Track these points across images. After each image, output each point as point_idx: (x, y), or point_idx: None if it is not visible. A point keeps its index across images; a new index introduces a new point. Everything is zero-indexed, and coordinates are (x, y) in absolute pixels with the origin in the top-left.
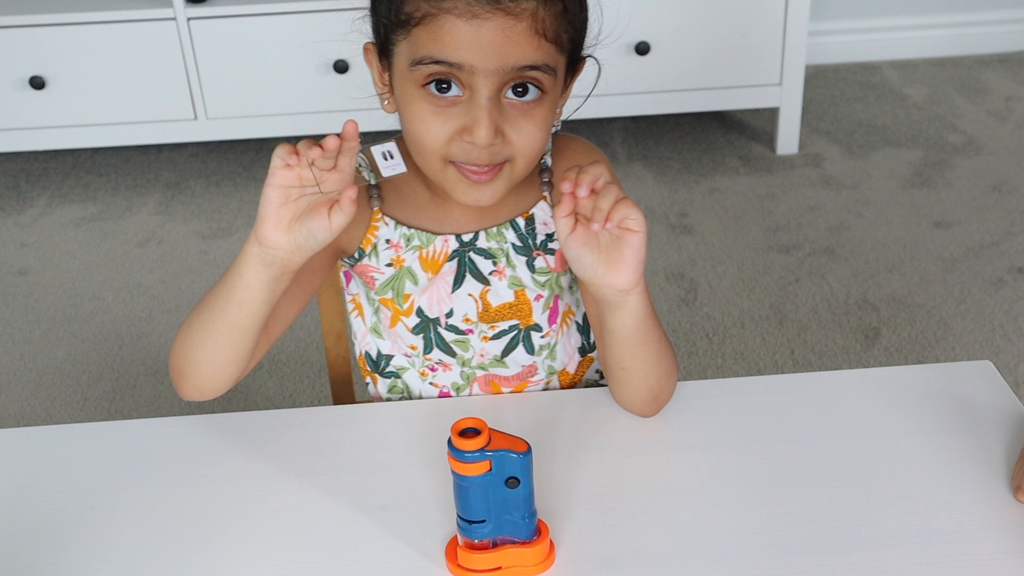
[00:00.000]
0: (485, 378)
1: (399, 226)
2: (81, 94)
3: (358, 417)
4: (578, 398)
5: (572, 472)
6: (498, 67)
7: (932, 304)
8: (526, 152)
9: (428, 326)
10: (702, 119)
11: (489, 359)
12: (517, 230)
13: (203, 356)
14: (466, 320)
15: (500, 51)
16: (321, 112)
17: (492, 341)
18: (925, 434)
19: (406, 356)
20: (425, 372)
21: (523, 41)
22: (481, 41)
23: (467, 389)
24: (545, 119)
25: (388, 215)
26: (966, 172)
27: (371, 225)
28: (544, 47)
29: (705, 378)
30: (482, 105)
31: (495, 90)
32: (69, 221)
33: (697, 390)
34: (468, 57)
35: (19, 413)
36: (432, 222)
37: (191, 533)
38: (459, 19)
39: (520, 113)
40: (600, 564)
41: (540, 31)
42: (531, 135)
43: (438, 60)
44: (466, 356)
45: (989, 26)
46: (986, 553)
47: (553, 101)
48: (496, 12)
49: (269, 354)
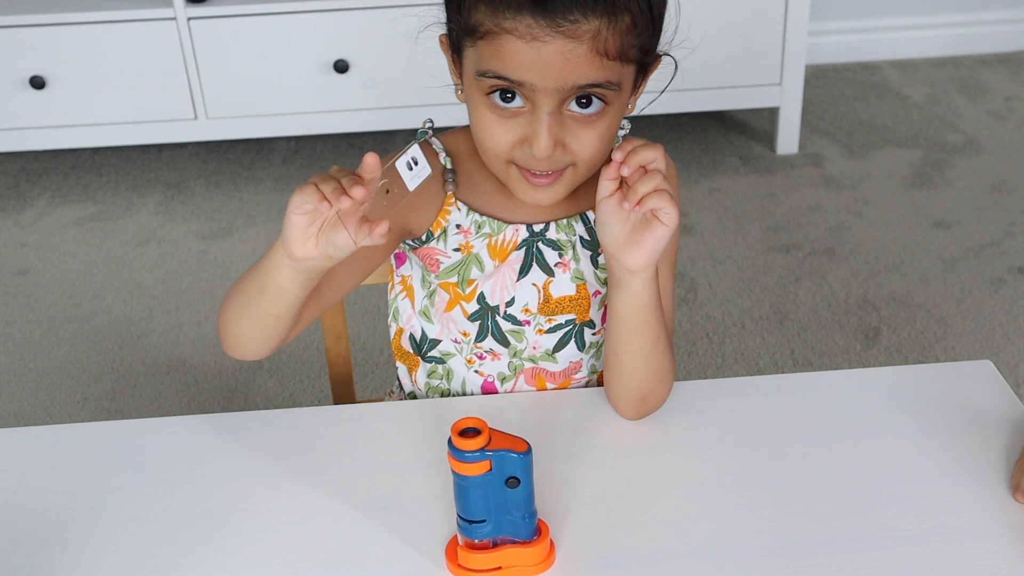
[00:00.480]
0: (532, 371)
1: (471, 212)
2: (81, 94)
3: (358, 417)
4: (578, 398)
5: (572, 472)
6: (558, 87)
7: (932, 304)
8: (587, 160)
9: (487, 313)
10: (702, 119)
11: (540, 352)
12: (587, 224)
13: (242, 332)
14: (525, 311)
15: (560, 73)
16: (321, 112)
17: (547, 335)
18: (925, 434)
19: (455, 342)
20: (472, 360)
21: (583, 63)
22: (541, 63)
23: (512, 381)
24: (608, 129)
25: (461, 200)
26: (966, 172)
27: (443, 209)
28: (606, 66)
29: (705, 378)
30: (542, 120)
31: (555, 106)
32: (69, 221)
33: (697, 390)
34: (528, 77)
35: (19, 413)
36: (503, 210)
37: (191, 533)
38: (520, 40)
39: (581, 124)
40: (600, 564)
41: (602, 51)
42: (591, 145)
43: (500, 76)
44: (519, 347)
45: (989, 26)
46: (986, 553)
47: (617, 111)
48: (556, 35)
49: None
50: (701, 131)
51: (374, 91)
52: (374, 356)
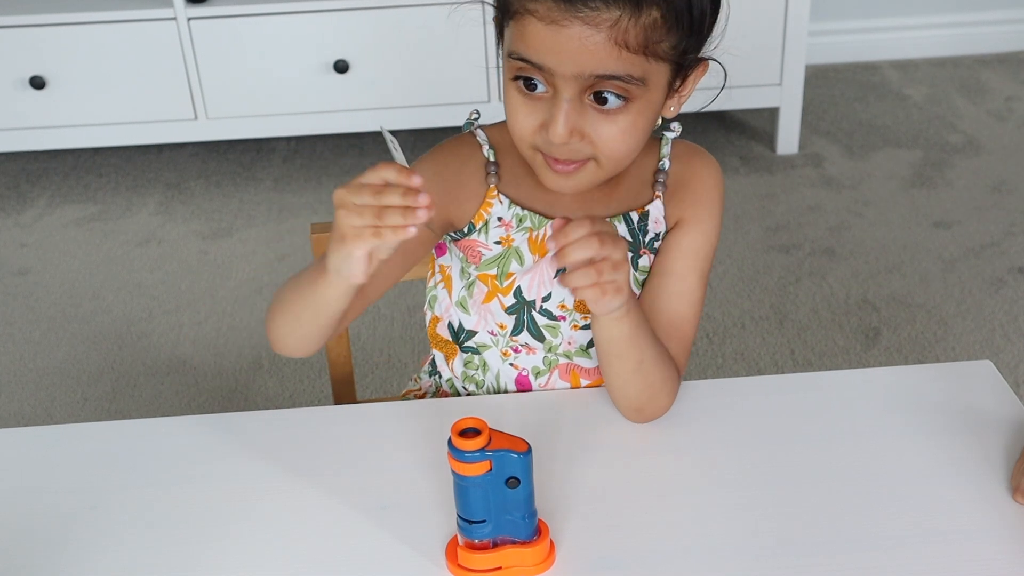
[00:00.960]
0: (566, 366)
1: (512, 205)
2: (81, 94)
3: (358, 417)
4: (578, 398)
5: (572, 472)
6: (576, 73)
7: (932, 304)
8: (609, 154)
9: (523, 308)
10: (702, 119)
11: (575, 348)
12: (629, 224)
13: (291, 337)
14: (561, 307)
15: (577, 59)
16: (321, 112)
17: (581, 331)
18: (925, 434)
19: (491, 334)
20: (507, 352)
21: (600, 51)
22: (559, 47)
23: (547, 375)
24: (632, 125)
25: (503, 193)
26: (966, 172)
27: (486, 201)
28: (626, 58)
29: (705, 378)
30: (560, 106)
31: (575, 92)
32: (69, 221)
33: (697, 390)
34: (547, 61)
35: (19, 413)
36: (544, 205)
37: (191, 533)
38: (540, 22)
39: (602, 117)
40: (600, 564)
41: (621, 42)
42: (612, 139)
43: (523, 58)
44: (554, 342)
45: (989, 26)
46: (986, 553)
47: (643, 108)
48: (574, 20)
49: (269, 353)
50: (701, 131)
51: (374, 91)
52: (374, 356)
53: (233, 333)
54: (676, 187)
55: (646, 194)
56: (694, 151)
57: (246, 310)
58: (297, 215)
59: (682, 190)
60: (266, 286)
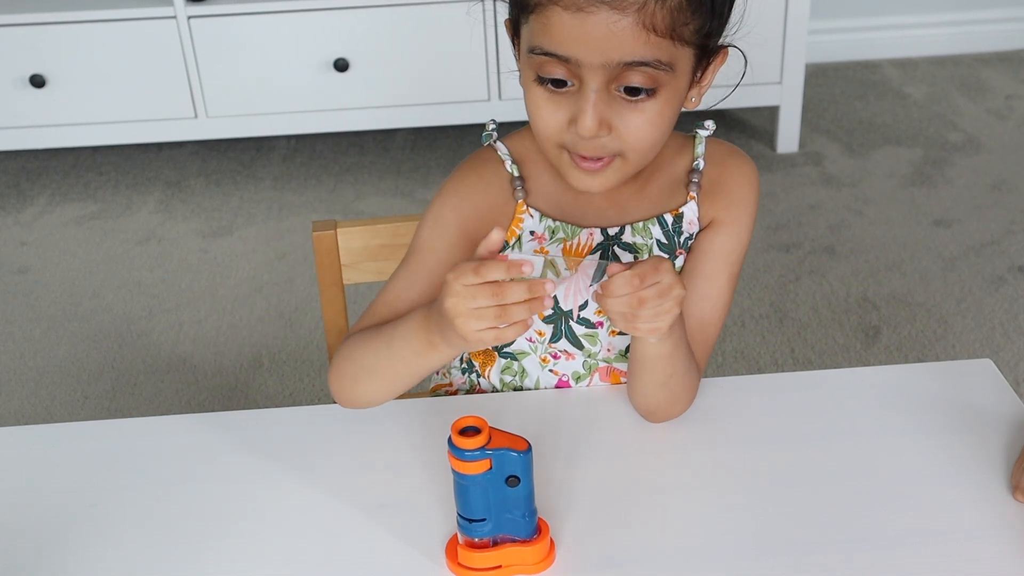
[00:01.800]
0: (606, 369)
1: (544, 218)
2: (81, 92)
3: (359, 416)
4: (578, 397)
5: (572, 471)
6: (603, 62)
7: (932, 303)
8: (636, 147)
9: (560, 318)
10: (702, 117)
11: (615, 354)
12: (664, 227)
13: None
14: (599, 313)
15: (604, 46)
16: (321, 111)
17: (620, 336)
18: (925, 433)
19: (529, 341)
20: (547, 359)
21: (629, 37)
22: (586, 35)
23: (587, 379)
24: (659, 114)
25: (533, 207)
26: (966, 170)
27: (516, 217)
28: (654, 42)
29: (705, 377)
30: (588, 97)
31: (603, 83)
32: (69, 219)
33: (697, 389)
34: (574, 51)
35: (19, 412)
36: (575, 214)
37: (191, 531)
38: (565, 11)
39: (630, 107)
40: (600, 563)
41: (648, 26)
42: (640, 130)
43: (547, 52)
44: (593, 350)
45: (989, 24)
46: (986, 553)
47: (670, 96)
48: (601, 6)
49: (269, 351)
50: None
51: (374, 90)
52: None
53: (233, 331)
54: (710, 187)
55: (680, 195)
56: (729, 151)
57: (246, 308)
58: (297, 213)
59: (716, 191)
60: (266, 284)
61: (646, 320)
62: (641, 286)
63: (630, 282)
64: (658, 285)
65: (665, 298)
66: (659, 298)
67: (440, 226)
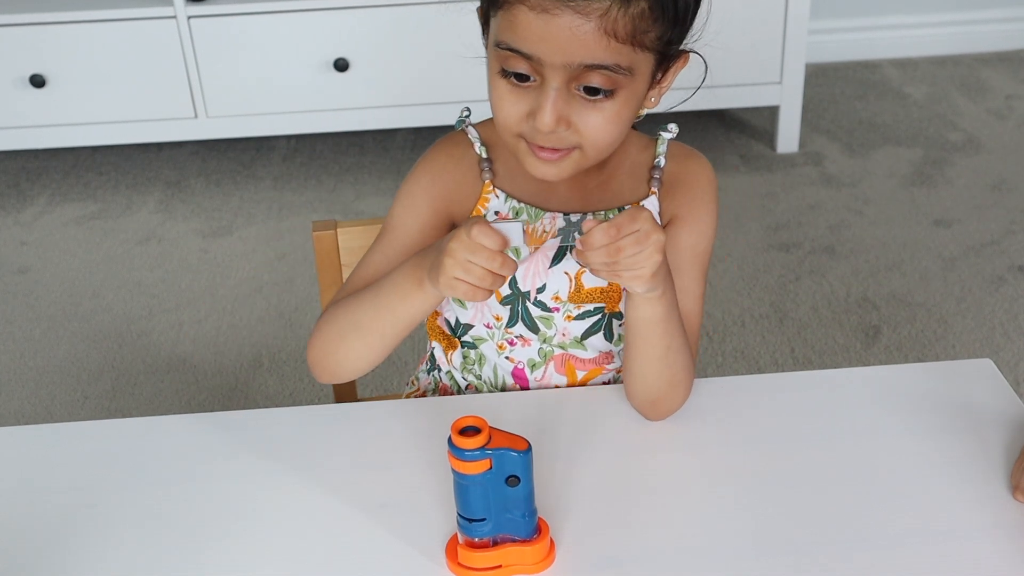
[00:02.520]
0: (561, 357)
1: (509, 199)
2: (81, 92)
3: (359, 416)
4: (578, 397)
5: (572, 470)
6: (565, 62)
7: (932, 302)
8: (594, 143)
9: (518, 299)
10: (702, 117)
11: (569, 339)
12: None
13: (347, 354)
14: (555, 298)
15: (567, 48)
16: (321, 111)
17: (575, 321)
18: (925, 432)
19: (487, 327)
20: (503, 345)
21: (591, 41)
22: (549, 36)
23: (543, 367)
24: (617, 114)
25: (499, 188)
26: (966, 170)
27: (482, 197)
28: (614, 47)
29: (705, 376)
30: (548, 94)
31: (563, 82)
32: (69, 219)
33: (697, 388)
34: (537, 50)
35: (19, 411)
36: (540, 199)
37: (191, 531)
38: (531, 11)
39: (589, 106)
40: (600, 562)
41: (610, 32)
42: (598, 128)
43: (511, 48)
44: (548, 333)
45: (989, 24)
46: (986, 552)
47: (630, 97)
48: (565, 9)
49: (269, 351)
50: (701, 129)
51: (374, 90)
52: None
53: (233, 331)
54: (671, 185)
55: (642, 190)
56: (688, 151)
57: (246, 308)
58: (297, 213)
59: (676, 188)
60: (266, 284)
61: (628, 267)
62: (619, 235)
63: (607, 232)
64: (636, 233)
65: (644, 244)
66: (637, 245)
67: (412, 204)
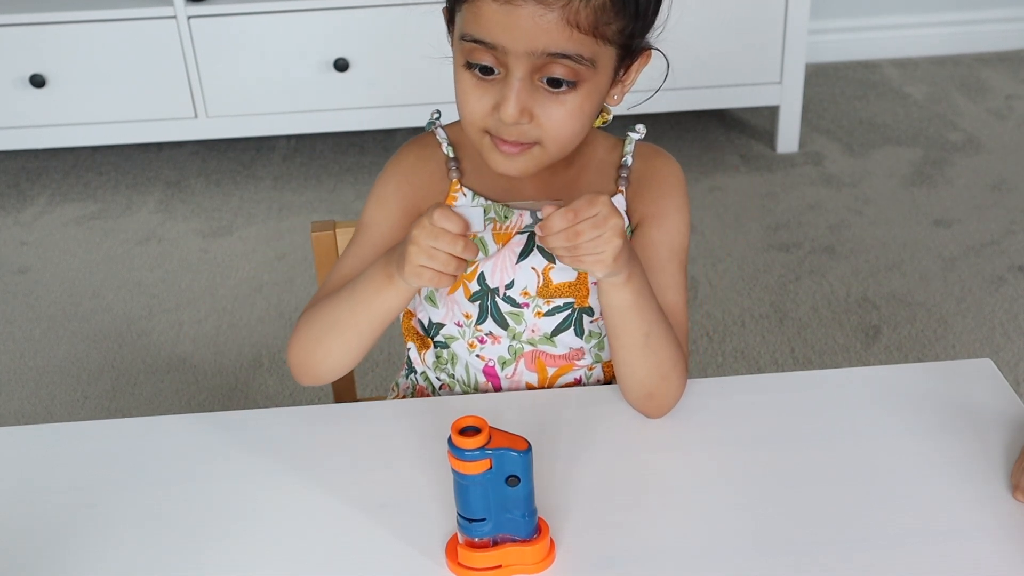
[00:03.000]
0: (532, 354)
1: (476, 197)
2: (81, 92)
3: (358, 415)
4: (579, 397)
5: (572, 470)
6: (528, 50)
7: (932, 302)
8: (556, 136)
9: (487, 295)
10: (702, 117)
11: (539, 335)
12: None
13: (327, 354)
14: (524, 294)
15: (529, 35)
16: (321, 110)
17: (545, 317)
18: (924, 432)
19: (457, 325)
20: (474, 343)
21: (553, 30)
22: (512, 25)
23: (513, 364)
24: (579, 107)
25: (466, 186)
26: (966, 170)
27: (449, 195)
28: (577, 38)
29: (705, 376)
30: (512, 85)
31: (527, 72)
32: (69, 219)
33: (697, 388)
34: (501, 39)
35: (19, 411)
36: (507, 195)
37: (191, 531)
38: (495, 2)
39: (552, 98)
40: (600, 562)
41: (572, 22)
42: (560, 120)
43: (476, 39)
44: (518, 329)
45: (989, 24)
46: (986, 552)
47: (592, 90)
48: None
49: (269, 351)
50: (701, 129)
51: (374, 89)
52: (374, 354)
53: (233, 331)
54: (639, 184)
55: (609, 188)
56: (655, 151)
57: (246, 308)
58: (297, 213)
59: (645, 187)
60: (266, 284)
61: (588, 251)
62: (576, 219)
63: (564, 217)
64: (594, 218)
65: (602, 228)
66: (595, 229)
67: (383, 205)
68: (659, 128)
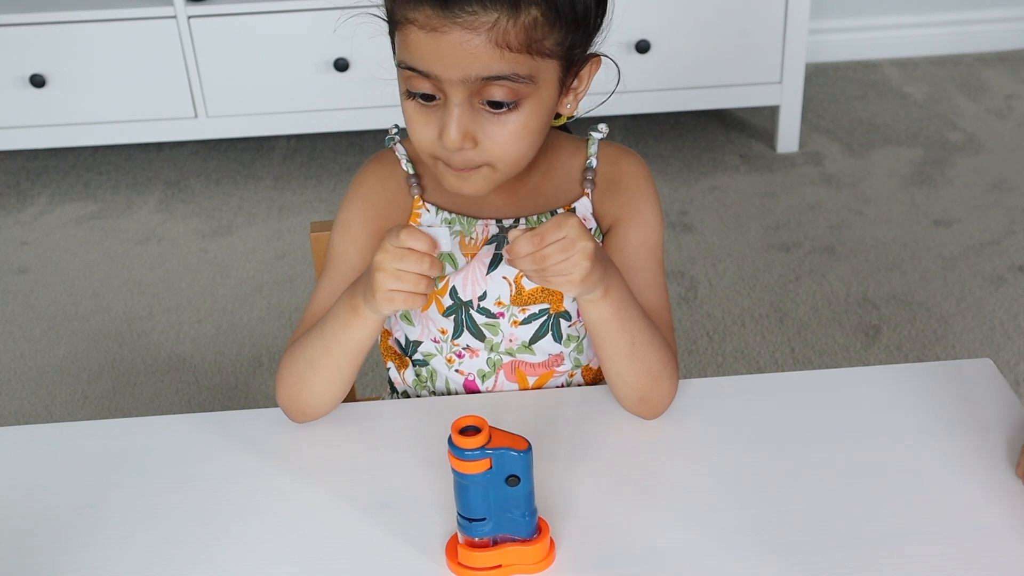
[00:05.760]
0: (511, 365)
1: (440, 211)
2: (81, 92)
3: (358, 415)
4: (578, 397)
5: (572, 470)
6: (462, 77)
7: (932, 302)
8: (502, 158)
9: (460, 308)
10: (702, 117)
11: (517, 345)
12: None
13: (311, 393)
14: (498, 303)
15: (460, 63)
16: (321, 110)
17: (522, 326)
18: (925, 432)
19: (434, 342)
20: (452, 359)
21: (483, 54)
22: (441, 53)
23: (493, 377)
24: (523, 126)
25: (429, 202)
26: (966, 170)
27: (413, 212)
28: (510, 58)
29: (705, 376)
30: (451, 112)
31: (464, 97)
32: (69, 219)
33: (697, 388)
34: (432, 67)
35: (19, 411)
36: (471, 209)
37: (191, 531)
38: (421, 31)
39: (494, 120)
40: (600, 562)
41: (502, 44)
42: (505, 142)
43: (410, 67)
44: (495, 340)
45: (989, 24)
46: (986, 552)
47: (536, 106)
48: (453, 26)
49: (270, 353)
50: (701, 129)
51: (374, 90)
52: (374, 354)
53: (233, 331)
54: (607, 187)
55: (575, 192)
56: (621, 150)
57: (246, 308)
58: (297, 213)
59: (614, 189)
60: (266, 284)
61: (556, 273)
62: (542, 243)
63: (530, 241)
64: (562, 241)
65: (570, 251)
66: (563, 252)
67: (348, 232)
68: (659, 128)
